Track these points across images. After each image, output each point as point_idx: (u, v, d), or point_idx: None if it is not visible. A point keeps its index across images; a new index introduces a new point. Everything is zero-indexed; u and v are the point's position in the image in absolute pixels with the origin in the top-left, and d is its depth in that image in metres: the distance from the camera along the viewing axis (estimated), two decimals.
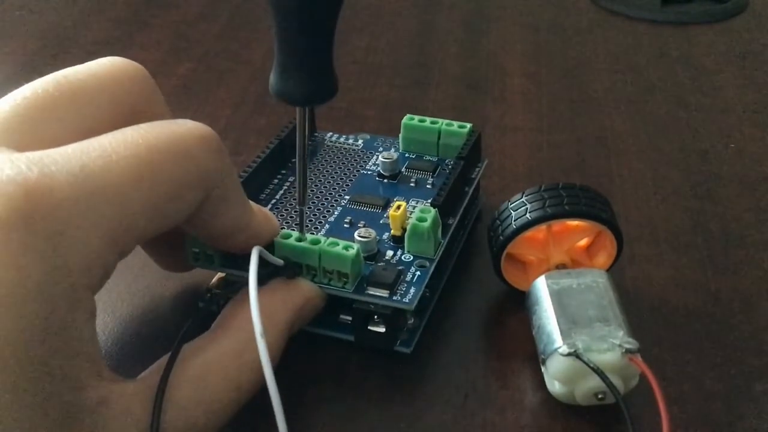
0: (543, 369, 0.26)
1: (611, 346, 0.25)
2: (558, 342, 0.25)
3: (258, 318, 0.23)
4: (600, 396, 0.25)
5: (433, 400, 0.27)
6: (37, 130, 0.23)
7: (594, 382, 0.25)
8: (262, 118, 0.42)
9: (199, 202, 0.23)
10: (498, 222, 0.30)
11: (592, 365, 0.25)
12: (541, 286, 0.28)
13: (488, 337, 0.30)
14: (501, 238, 0.29)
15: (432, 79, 0.46)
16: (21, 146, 0.21)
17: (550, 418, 0.26)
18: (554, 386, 0.26)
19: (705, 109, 0.43)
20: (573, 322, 0.26)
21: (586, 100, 0.44)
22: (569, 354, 0.25)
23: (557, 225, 0.29)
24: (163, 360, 0.23)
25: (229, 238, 0.25)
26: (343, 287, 0.27)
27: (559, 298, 0.27)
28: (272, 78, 0.24)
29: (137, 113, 0.24)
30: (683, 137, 0.41)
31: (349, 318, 0.28)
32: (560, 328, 0.26)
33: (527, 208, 0.29)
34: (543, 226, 0.29)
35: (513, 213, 0.29)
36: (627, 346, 0.25)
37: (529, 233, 0.29)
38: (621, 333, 0.25)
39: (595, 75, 0.46)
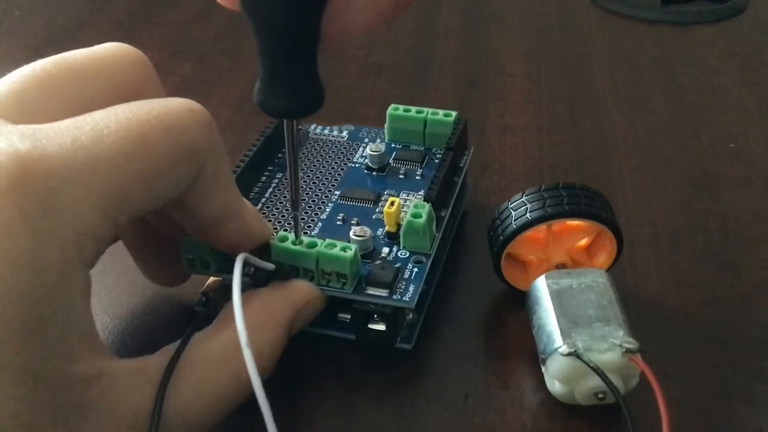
0: (543, 369, 0.26)
1: (611, 345, 0.25)
2: (558, 342, 0.25)
3: (243, 327, 0.22)
4: (600, 396, 0.25)
5: (433, 400, 0.27)
6: (33, 107, 0.23)
7: (594, 382, 0.25)
8: (262, 117, 0.42)
9: (192, 179, 0.23)
10: (498, 222, 0.30)
11: (592, 365, 0.25)
12: (541, 286, 0.28)
13: (488, 337, 0.30)
14: (501, 237, 0.29)
15: (432, 79, 0.46)
16: (17, 121, 0.21)
17: (550, 418, 0.26)
18: (554, 386, 0.26)
19: (705, 109, 0.43)
20: (573, 322, 0.26)
21: (586, 100, 0.44)
22: (569, 354, 0.25)
23: (557, 225, 0.29)
24: (164, 348, 0.23)
25: (220, 227, 0.25)
26: (342, 288, 0.27)
27: (559, 297, 0.27)
28: (256, 90, 0.23)
29: (134, 95, 0.24)
30: (683, 137, 0.41)
31: (348, 316, 0.28)
32: (560, 328, 0.26)
33: (527, 208, 0.29)
34: (543, 226, 0.29)
35: (513, 213, 0.29)
36: (627, 345, 0.25)
37: (529, 233, 0.29)
38: (621, 333, 0.25)
39: (595, 75, 0.46)
